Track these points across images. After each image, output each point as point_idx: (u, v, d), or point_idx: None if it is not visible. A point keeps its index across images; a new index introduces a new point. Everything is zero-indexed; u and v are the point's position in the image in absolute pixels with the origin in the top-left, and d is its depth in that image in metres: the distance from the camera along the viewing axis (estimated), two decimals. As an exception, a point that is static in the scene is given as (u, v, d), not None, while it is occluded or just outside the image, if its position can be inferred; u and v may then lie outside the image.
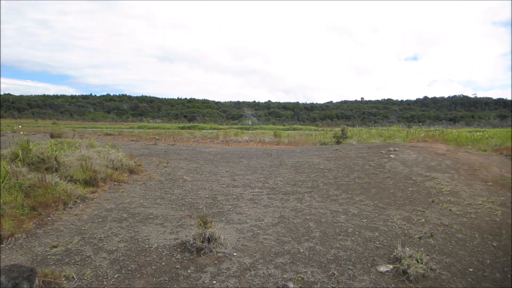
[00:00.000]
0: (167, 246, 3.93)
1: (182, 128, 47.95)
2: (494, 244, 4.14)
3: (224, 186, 6.91)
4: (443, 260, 3.75)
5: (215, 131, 38.26)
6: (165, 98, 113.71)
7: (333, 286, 3.25)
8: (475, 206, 5.31)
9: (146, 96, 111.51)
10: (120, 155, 8.26)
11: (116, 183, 6.85)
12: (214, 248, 3.87)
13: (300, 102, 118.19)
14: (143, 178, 7.51)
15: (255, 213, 5.18)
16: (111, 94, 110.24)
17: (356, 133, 24.74)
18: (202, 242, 3.87)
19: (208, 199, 5.97)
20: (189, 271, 3.39)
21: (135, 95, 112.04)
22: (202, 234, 3.92)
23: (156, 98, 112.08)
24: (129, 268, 3.41)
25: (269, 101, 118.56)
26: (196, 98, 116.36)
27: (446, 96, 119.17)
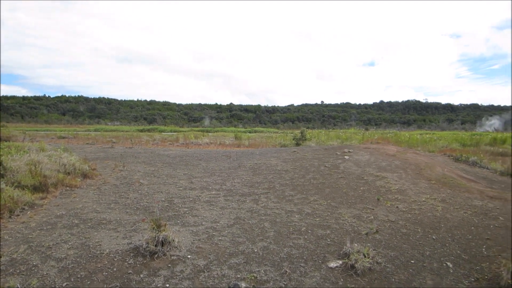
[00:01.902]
0: (120, 252, 3.89)
1: (142, 130, 46.76)
2: (434, 237, 4.46)
3: (181, 189, 6.89)
4: (388, 253, 4.00)
5: (175, 133, 37.69)
6: (124, 100, 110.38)
7: (285, 283, 3.37)
8: (419, 203, 5.67)
9: (104, 98, 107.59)
10: (73, 159, 7.98)
11: (68, 188, 6.62)
12: (168, 251, 3.87)
13: (262, 105, 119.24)
14: (97, 182, 7.31)
15: (211, 215, 5.22)
16: (67, 95, 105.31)
17: (315, 136, 25.36)
18: (156, 245, 3.86)
19: (164, 202, 5.93)
20: (141, 275, 3.38)
21: (93, 97, 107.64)
22: (155, 237, 3.92)
23: (114, 99, 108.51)
24: (79, 276, 3.34)
25: (231, 103, 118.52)
26: (157, 100, 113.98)
27: (400, 100, 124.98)
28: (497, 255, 3.98)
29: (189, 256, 3.83)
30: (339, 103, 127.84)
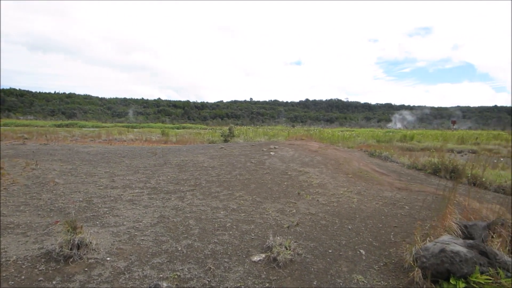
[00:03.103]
0: (29, 258, 3.54)
1: (59, 126, 43.18)
2: (349, 227, 4.78)
3: (101, 188, 6.50)
4: (308, 245, 4.19)
5: (97, 129, 35.49)
6: (39, 92, 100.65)
7: (209, 280, 3.36)
8: (337, 196, 6.04)
9: (14, 89, 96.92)
10: (-28, 158, 7.09)
11: (-34, 190, 5.86)
12: (84, 254, 3.62)
13: (191, 100, 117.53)
14: (4, 182, 6.58)
15: (134, 215, 5.01)
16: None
17: (243, 132, 25.68)
18: (71, 249, 3.59)
19: (82, 202, 5.55)
20: (54, 282, 3.12)
21: (1, 88, 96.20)
22: (70, 240, 3.64)
23: (27, 91, 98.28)
24: (-23, 287, 2.98)
25: (159, 98, 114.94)
26: (77, 93, 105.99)
27: (324, 99, 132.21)
28: (402, 240, 4.40)
29: (108, 259, 3.62)
30: (267, 100, 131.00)
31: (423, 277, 3.43)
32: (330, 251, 4.10)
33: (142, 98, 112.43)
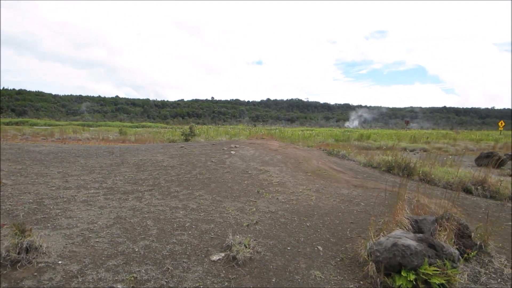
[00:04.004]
0: (-30, 265, 3.30)
1: (8, 124, 40.57)
2: (308, 224, 4.88)
3: (53, 188, 6.17)
4: (268, 242, 4.23)
5: (50, 127, 33.74)
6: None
7: (167, 280, 3.30)
8: (296, 194, 6.14)
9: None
10: None
11: None
12: (34, 258, 3.43)
13: (151, 99, 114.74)
14: None
15: (88, 216, 4.80)
16: None
17: (205, 131, 25.50)
18: (19, 253, 3.38)
19: (32, 204, 5.23)
20: (-1, 289, 2.94)
21: None
22: (18, 244, 3.43)
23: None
24: None
25: (116, 96, 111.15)
26: (28, 89, 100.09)
27: (285, 99, 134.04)
28: (357, 236, 4.55)
29: (60, 262, 3.45)
30: (229, 99, 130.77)
31: (376, 270, 3.57)
32: (289, 248, 4.16)
33: (99, 96, 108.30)
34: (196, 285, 3.26)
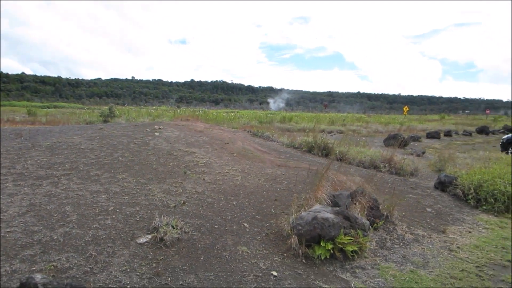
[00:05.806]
0: None
1: None
2: (234, 203, 5.01)
3: None
4: (195, 222, 4.27)
5: None
6: None
7: (91, 267, 3.18)
8: (222, 174, 6.22)
9: None
10: None
11: None
12: None
13: (63, 77, 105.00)
14: None
15: (-5, 204, 4.35)
16: None
17: (125, 112, 24.25)
18: None
19: None
20: None
21: None
22: None
23: None
24: None
25: (22, 73, 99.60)
26: None
27: (209, 80, 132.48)
28: (281, 212, 4.81)
29: (-37, 257, 3.12)
30: (151, 79, 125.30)
31: (299, 243, 3.84)
32: (216, 227, 4.25)
33: (1, 72, 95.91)
34: (122, 269, 3.20)
